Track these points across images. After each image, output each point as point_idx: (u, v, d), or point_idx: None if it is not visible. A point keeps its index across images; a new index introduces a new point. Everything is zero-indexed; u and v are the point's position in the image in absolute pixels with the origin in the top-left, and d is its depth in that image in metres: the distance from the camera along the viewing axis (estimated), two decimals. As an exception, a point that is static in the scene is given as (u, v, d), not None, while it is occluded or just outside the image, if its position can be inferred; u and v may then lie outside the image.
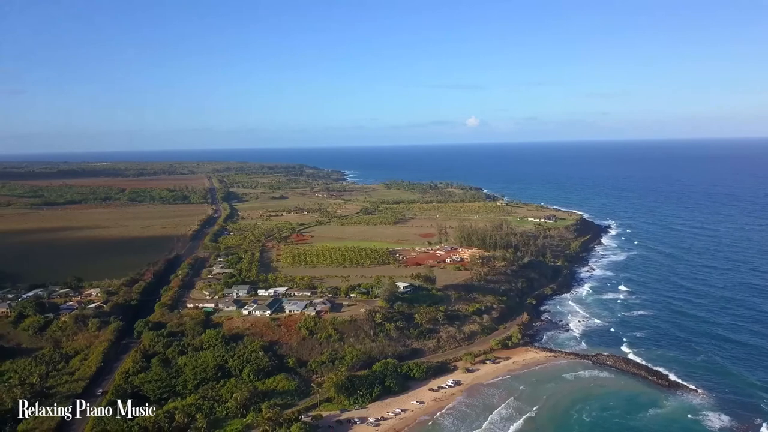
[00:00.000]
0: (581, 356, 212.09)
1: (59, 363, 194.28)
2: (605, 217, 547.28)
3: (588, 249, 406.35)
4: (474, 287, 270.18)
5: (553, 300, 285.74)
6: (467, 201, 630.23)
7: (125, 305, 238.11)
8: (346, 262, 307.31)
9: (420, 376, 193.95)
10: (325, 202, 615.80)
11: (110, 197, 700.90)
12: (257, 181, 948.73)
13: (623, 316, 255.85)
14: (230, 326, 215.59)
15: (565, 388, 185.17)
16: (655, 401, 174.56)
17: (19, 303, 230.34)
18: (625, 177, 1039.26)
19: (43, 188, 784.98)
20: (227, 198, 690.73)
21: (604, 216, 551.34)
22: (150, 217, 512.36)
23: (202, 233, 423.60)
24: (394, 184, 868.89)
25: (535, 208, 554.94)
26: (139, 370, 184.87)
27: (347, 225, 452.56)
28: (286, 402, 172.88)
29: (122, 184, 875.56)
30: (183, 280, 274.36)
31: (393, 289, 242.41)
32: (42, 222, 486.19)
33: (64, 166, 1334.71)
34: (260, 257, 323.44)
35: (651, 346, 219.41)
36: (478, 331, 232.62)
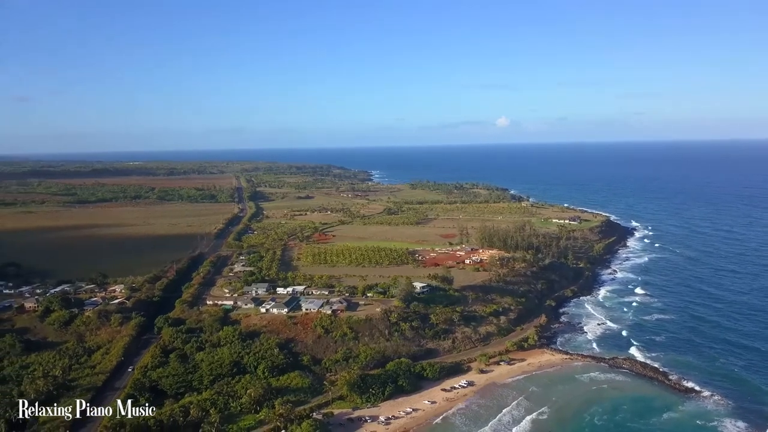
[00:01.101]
0: (597, 359, 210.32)
1: (82, 356, 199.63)
2: (632, 218, 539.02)
3: (612, 251, 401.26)
4: (492, 288, 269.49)
5: (572, 302, 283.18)
6: (492, 202, 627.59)
7: (147, 301, 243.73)
8: (365, 262, 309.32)
9: (433, 376, 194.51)
10: (348, 202, 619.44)
11: (140, 196, 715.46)
12: (284, 181, 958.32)
13: (643, 319, 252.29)
14: (248, 323, 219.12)
15: (578, 390, 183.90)
16: (670, 406, 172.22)
17: (46, 298, 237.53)
18: (655, 178, 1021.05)
19: (77, 187, 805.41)
20: (254, 197, 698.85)
21: (631, 218, 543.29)
22: (177, 216, 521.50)
23: (226, 232, 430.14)
24: (419, 184, 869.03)
25: (561, 210, 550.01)
26: (157, 365, 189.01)
27: (369, 225, 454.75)
28: (299, 399, 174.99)
29: (152, 183, 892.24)
30: (204, 278, 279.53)
31: (409, 289, 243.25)
32: (73, 219, 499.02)
33: (98, 165, 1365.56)
34: (281, 256, 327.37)
35: (669, 350, 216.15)
36: (494, 332, 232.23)
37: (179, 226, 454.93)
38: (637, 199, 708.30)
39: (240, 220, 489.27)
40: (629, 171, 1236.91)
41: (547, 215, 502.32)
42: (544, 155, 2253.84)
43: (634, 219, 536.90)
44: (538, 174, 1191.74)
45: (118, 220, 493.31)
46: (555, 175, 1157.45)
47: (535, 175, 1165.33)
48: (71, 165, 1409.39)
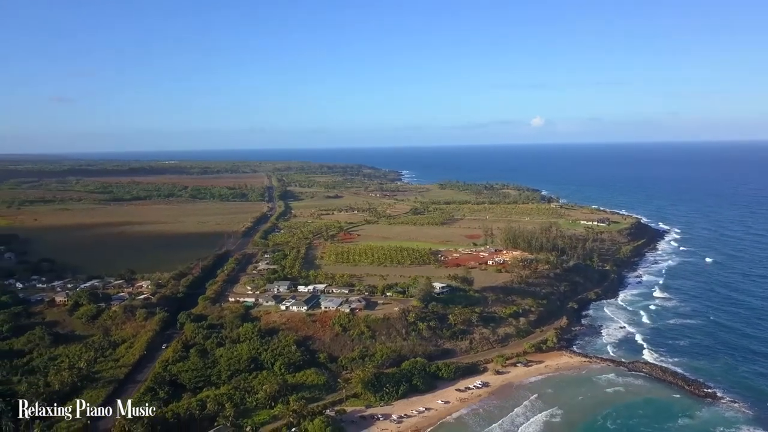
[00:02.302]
0: (617, 363, 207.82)
1: (107, 350, 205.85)
2: (663, 221, 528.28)
3: (641, 254, 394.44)
4: (513, 290, 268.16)
5: (595, 305, 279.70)
6: (521, 202, 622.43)
7: (171, 297, 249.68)
8: (386, 262, 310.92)
9: (448, 376, 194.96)
10: (375, 202, 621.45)
11: (173, 194, 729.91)
12: (314, 180, 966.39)
13: (666, 323, 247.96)
14: (267, 320, 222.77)
15: (594, 394, 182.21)
16: (688, 411, 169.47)
17: (75, 293, 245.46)
18: (688, 179, 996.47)
19: (113, 185, 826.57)
20: (284, 196, 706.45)
21: (662, 220, 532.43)
22: (207, 214, 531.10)
23: (254, 230, 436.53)
24: (448, 184, 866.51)
25: (590, 211, 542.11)
26: (177, 359, 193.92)
27: (394, 225, 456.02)
28: (313, 396, 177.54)
29: (185, 181, 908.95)
30: (228, 275, 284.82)
31: (428, 289, 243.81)
32: (107, 217, 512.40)
33: (134, 164, 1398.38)
34: (305, 254, 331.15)
35: (690, 355, 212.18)
36: (512, 334, 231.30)
37: (208, 224, 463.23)
38: (668, 200, 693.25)
39: (268, 219, 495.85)
40: (662, 172, 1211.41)
41: (575, 217, 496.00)
42: (577, 155, 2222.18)
43: (665, 221, 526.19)
44: (571, 175, 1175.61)
45: (150, 218, 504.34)
46: (587, 175, 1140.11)
47: (567, 175, 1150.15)
48: (109, 164, 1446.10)
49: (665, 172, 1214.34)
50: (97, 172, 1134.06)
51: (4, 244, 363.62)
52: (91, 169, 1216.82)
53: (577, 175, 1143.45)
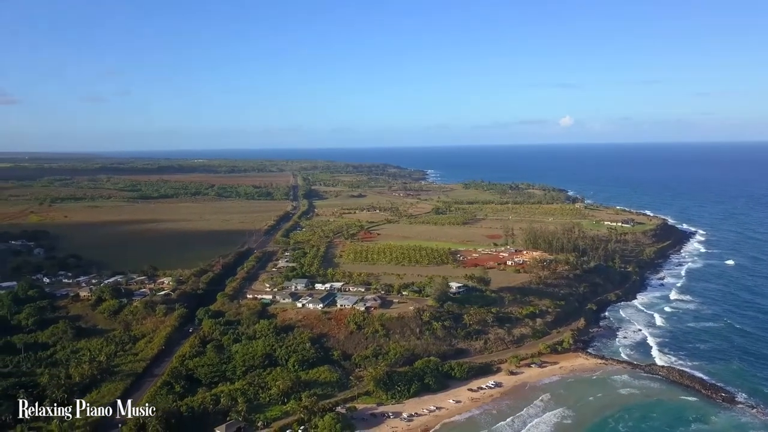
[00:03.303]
0: (633, 365, 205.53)
1: (127, 344, 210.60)
2: (691, 222, 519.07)
3: (665, 255, 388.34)
4: (531, 290, 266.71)
5: (615, 306, 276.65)
6: (545, 203, 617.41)
7: (191, 294, 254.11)
8: (404, 261, 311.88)
9: (461, 376, 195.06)
10: (397, 201, 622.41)
11: (200, 192, 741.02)
12: (339, 180, 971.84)
13: (686, 327, 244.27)
14: (284, 317, 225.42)
15: (608, 396, 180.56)
16: (703, 416, 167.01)
17: (99, 288, 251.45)
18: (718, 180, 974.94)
19: (142, 183, 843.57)
20: (308, 195, 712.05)
21: (689, 221, 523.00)
22: (232, 212, 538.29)
23: (276, 228, 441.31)
24: (472, 184, 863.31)
25: (615, 212, 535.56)
26: (194, 354, 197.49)
27: (415, 224, 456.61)
28: (326, 393, 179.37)
29: (213, 180, 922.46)
30: (248, 272, 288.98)
31: (444, 288, 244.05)
32: (134, 214, 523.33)
33: (164, 162, 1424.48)
34: (325, 253, 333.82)
35: (710, 359, 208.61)
36: (528, 335, 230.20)
37: (232, 222, 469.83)
38: (697, 201, 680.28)
39: (291, 217, 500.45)
40: (692, 173, 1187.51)
41: (599, 217, 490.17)
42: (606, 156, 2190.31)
43: (693, 223, 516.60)
44: (599, 175, 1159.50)
45: (176, 216, 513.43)
46: (615, 176, 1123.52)
47: (595, 176, 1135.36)
48: (140, 162, 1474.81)
49: (695, 173, 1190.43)
50: (127, 171, 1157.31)
51: (35, 240, 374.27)
52: (122, 168, 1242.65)
53: (606, 176, 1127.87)
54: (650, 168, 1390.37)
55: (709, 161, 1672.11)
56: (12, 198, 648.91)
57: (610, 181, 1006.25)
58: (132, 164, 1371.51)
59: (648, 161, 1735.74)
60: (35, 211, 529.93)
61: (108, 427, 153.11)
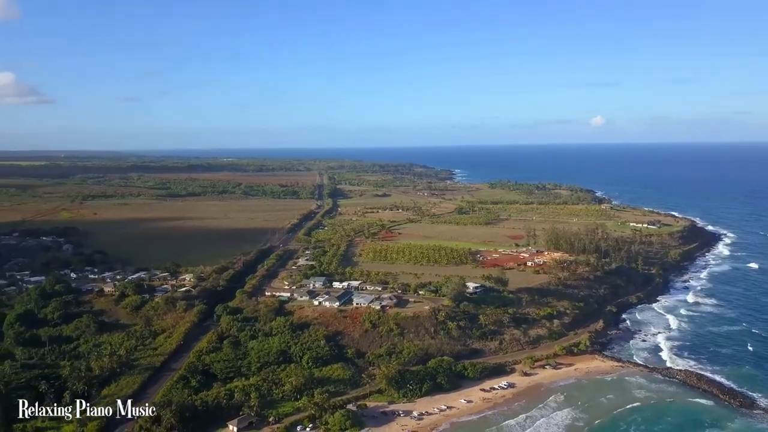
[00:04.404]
0: (650, 368, 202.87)
1: (147, 339, 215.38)
2: (721, 224, 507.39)
3: (692, 258, 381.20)
4: (549, 291, 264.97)
5: (636, 309, 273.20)
6: (571, 203, 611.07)
7: (211, 290, 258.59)
8: (423, 261, 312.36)
9: (474, 376, 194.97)
10: (421, 201, 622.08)
11: (227, 191, 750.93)
12: (364, 179, 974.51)
13: (709, 330, 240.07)
14: (300, 315, 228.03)
15: (622, 399, 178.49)
16: (719, 421, 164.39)
17: (122, 283, 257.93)
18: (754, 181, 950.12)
19: (171, 181, 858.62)
20: (333, 194, 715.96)
21: (720, 223, 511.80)
22: (257, 210, 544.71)
23: (299, 227, 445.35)
24: (498, 183, 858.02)
25: (642, 213, 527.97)
26: (211, 350, 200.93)
27: (437, 224, 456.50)
28: (338, 390, 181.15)
29: (240, 178, 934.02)
30: (268, 270, 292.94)
31: (460, 288, 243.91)
32: (162, 212, 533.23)
33: (193, 161, 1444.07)
34: (345, 251, 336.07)
35: (731, 364, 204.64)
36: (544, 336, 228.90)
37: (256, 221, 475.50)
38: (728, 203, 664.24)
39: (314, 216, 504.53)
40: (726, 173, 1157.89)
41: (625, 218, 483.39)
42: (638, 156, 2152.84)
43: (722, 224, 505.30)
44: (628, 175, 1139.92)
45: (203, 214, 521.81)
46: (646, 177, 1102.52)
47: (624, 176, 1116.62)
48: (170, 160, 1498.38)
49: (728, 173, 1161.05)
50: (158, 169, 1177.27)
51: (64, 236, 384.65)
52: (153, 166, 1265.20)
53: (635, 176, 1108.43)
54: (682, 168, 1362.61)
55: (745, 161, 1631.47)
56: (46, 195, 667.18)
57: (639, 181, 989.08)
58: (163, 163, 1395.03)
59: (680, 161, 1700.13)
60: (67, 208, 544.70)
61: (121, 422, 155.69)
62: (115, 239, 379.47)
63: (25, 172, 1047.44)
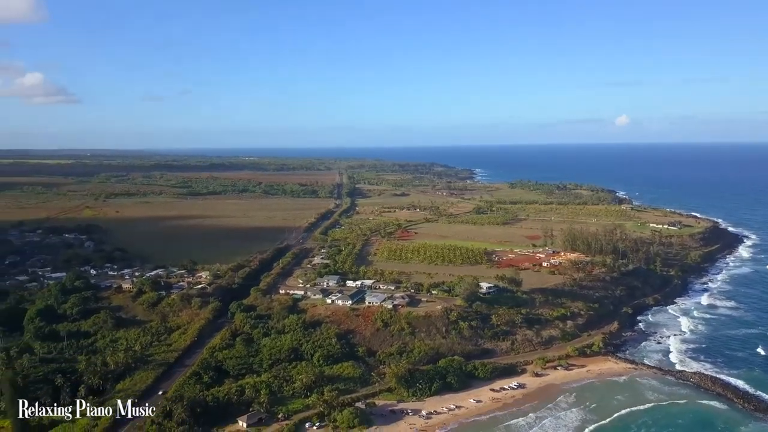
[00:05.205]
0: (664, 371, 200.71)
1: (162, 335, 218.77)
2: (745, 226, 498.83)
3: (713, 259, 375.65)
4: (564, 292, 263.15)
5: (652, 311, 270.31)
6: (591, 204, 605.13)
7: (226, 288, 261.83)
8: (438, 260, 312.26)
9: (485, 376, 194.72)
10: (439, 200, 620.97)
11: (247, 189, 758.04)
12: (383, 178, 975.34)
13: (726, 333, 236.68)
14: (313, 313, 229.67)
15: (633, 401, 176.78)
16: (732, 425, 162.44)
17: (140, 280, 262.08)
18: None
19: (192, 180, 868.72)
20: (351, 193, 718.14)
21: (744, 225, 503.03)
22: (276, 209, 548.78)
23: (316, 225, 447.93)
24: (518, 183, 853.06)
25: (663, 214, 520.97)
26: (224, 346, 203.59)
27: (454, 224, 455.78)
28: (348, 388, 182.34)
29: (261, 177, 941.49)
30: (283, 268, 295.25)
31: (473, 288, 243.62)
32: (182, 210, 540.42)
33: (215, 160, 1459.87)
34: (360, 250, 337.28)
35: (747, 367, 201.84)
36: (557, 337, 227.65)
37: (275, 219, 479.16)
38: (752, 205, 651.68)
39: (332, 215, 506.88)
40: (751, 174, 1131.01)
41: (645, 219, 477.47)
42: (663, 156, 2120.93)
43: (746, 226, 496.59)
44: (652, 175, 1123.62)
45: (222, 212, 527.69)
46: (670, 177, 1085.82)
47: (648, 176, 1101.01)
48: (192, 159, 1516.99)
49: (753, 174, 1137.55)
50: (180, 167, 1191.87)
51: (86, 233, 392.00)
52: (175, 165, 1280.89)
53: (659, 177, 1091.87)
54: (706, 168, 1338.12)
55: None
56: (70, 193, 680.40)
57: (662, 181, 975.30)
58: (185, 161, 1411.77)
59: (705, 161, 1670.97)
60: (90, 206, 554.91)
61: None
62: (136, 237, 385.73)
63: (52, 170, 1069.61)
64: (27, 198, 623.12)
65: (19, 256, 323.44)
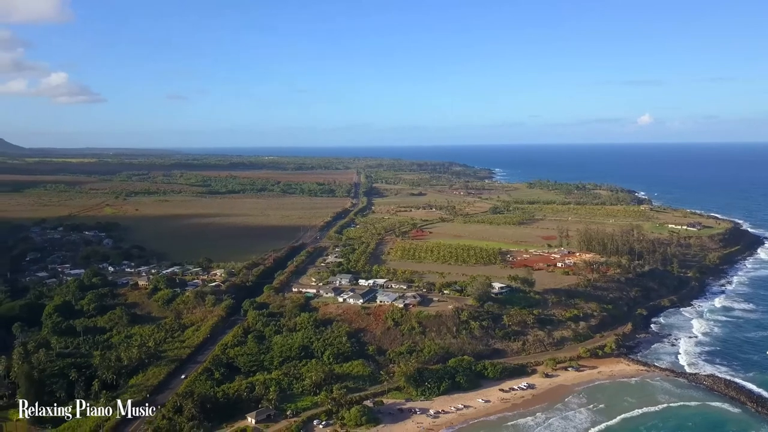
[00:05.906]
0: (676, 373, 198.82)
1: (176, 331, 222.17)
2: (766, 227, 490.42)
3: (732, 261, 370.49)
4: (577, 293, 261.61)
5: (667, 312, 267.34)
6: (609, 204, 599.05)
7: (240, 286, 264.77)
8: (451, 260, 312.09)
9: (494, 376, 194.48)
10: (455, 200, 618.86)
11: (265, 188, 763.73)
12: (401, 178, 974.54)
13: (742, 336, 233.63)
14: (325, 311, 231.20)
15: (644, 404, 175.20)
16: (744, 428, 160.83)
17: (155, 277, 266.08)
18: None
19: (211, 178, 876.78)
20: (368, 193, 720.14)
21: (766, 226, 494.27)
22: (292, 208, 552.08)
23: (332, 224, 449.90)
24: (537, 183, 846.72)
25: (683, 214, 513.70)
26: (236, 343, 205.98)
27: (469, 223, 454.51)
28: (357, 386, 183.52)
29: (279, 176, 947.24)
30: (297, 267, 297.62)
31: (485, 288, 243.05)
32: (200, 208, 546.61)
33: (235, 159, 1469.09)
34: (374, 250, 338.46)
35: (762, 371, 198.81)
36: (569, 338, 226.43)
37: (291, 218, 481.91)
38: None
39: (348, 214, 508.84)
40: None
41: (664, 220, 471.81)
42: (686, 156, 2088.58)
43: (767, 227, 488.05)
44: (674, 175, 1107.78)
45: (240, 211, 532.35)
46: (691, 177, 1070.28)
47: (669, 176, 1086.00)
48: (213, 158, 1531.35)
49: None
50: (200, 166, 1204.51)
51: (106, 231, 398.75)
52: (195, 163, 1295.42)
53: (681, 177, 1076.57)
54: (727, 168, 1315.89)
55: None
56: (92, 191, 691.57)
57: (683, 182, 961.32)
58: (205, 160, 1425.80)
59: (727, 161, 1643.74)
60: (110, 204, 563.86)
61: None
62: (154, 234, 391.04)
63: (75, 168, 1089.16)
64: (50, 196, 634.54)
65: (39, 253, 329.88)
